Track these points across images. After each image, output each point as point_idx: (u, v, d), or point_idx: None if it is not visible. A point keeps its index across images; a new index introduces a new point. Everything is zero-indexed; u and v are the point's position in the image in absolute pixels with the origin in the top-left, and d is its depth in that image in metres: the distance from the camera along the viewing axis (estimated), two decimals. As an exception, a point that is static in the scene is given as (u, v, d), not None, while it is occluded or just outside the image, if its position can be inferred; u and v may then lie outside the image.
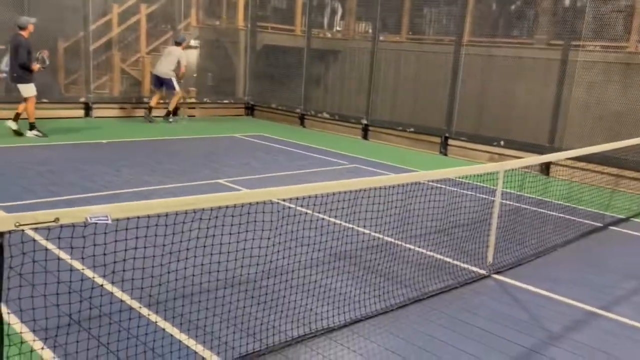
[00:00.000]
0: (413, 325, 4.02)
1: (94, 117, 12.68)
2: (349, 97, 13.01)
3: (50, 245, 4.27)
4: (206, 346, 3.44)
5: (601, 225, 6.97)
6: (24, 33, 9.66)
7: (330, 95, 13.54)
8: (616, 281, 5.27)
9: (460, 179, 6.99)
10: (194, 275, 3.71)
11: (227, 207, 3.33)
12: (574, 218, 7.10)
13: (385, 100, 12.30)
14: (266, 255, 4.30)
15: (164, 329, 3.60)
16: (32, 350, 3.08)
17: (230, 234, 3.70)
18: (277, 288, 4.25)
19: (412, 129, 11.67)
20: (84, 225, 2.55)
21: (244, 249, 3.85)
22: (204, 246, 3.82)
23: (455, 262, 5.31)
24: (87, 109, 12.63)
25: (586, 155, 6.98)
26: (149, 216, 2.93)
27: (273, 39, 14.61)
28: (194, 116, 14.23)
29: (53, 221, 2.44)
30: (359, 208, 4.81)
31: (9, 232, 2.32)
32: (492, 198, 5.25)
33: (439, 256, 5.44)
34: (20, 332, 3.18)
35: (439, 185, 6.43)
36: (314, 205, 4.40)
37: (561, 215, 7.16)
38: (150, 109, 12.76)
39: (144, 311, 3.80)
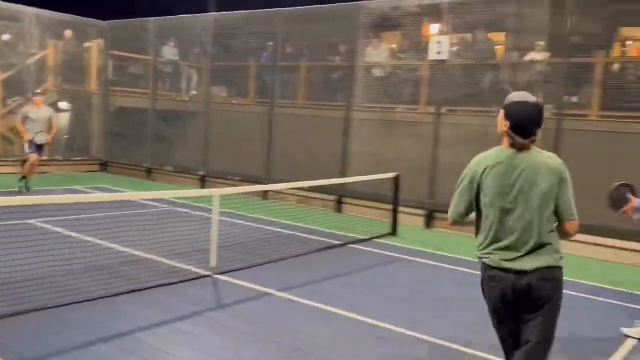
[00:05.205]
0: (126, 308, 5.41)
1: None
2: (189, 152, 14.53)
3: None
4: None
5: (342, 243, 8.75)
6: None
7: (173, 150, 15.01)
8: (315, 277, 6.92)
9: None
10: None
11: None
12: (318, 238, 8.91)
13: (219, 153, 13.90)
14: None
15: None
16: None
17: None
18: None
19: (238, 178, 13.30)
20: None
21: None
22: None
23: (180, 265, 6.83)
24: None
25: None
26: None
27: (126, 102, 16.08)
28: (46, 173, 15.17)
29: None
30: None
31: None
32: (211, 216, 6.84)
33: (166, 261, 6.95)
34: None
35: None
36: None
37: (305, 235, 9.01)
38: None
39: None
